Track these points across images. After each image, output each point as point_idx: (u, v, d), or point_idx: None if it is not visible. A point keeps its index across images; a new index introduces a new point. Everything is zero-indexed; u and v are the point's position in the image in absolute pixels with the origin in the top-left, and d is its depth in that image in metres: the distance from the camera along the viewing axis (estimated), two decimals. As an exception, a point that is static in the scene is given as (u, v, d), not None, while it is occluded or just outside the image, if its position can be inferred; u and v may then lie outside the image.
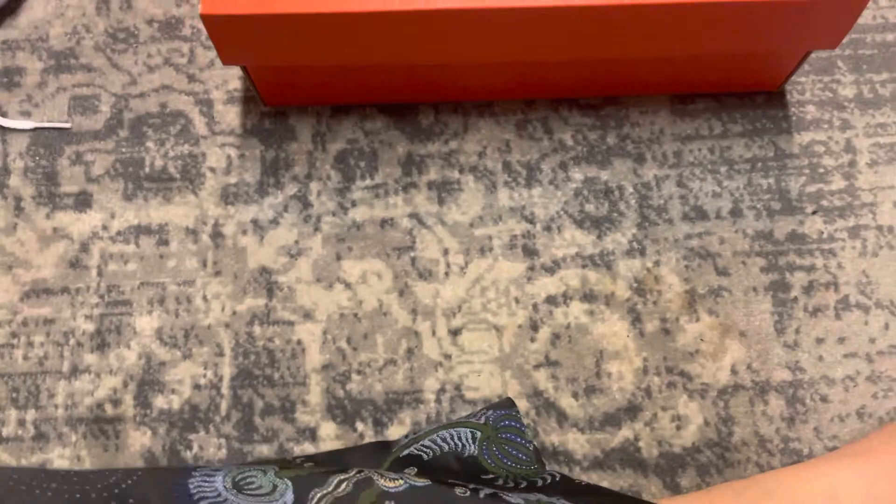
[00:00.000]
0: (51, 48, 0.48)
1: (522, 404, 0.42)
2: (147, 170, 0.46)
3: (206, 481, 0.30)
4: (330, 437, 0.41)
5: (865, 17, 0.47)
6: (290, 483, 0.30)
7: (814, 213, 0.44)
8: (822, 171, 0.45)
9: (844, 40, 0.47)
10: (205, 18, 0.38)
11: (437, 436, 0.37)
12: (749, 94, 0.46)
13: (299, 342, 0.43)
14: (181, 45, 0.48)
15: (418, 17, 0.38)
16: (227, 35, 0.39)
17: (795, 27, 0.39)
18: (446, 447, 0.37)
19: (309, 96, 0.47)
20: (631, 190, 0.45)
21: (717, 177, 0.45)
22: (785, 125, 0.46)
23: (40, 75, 0.48)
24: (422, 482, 0.31)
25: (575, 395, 0.42)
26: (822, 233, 0.44)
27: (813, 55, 0.47)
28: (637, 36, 0.40)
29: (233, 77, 0.48)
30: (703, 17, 0.39)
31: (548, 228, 0.45)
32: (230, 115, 0.47)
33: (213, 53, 0.48)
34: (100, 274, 0.44)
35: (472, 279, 0.44)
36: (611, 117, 0.46)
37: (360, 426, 0.41)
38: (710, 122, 0.46)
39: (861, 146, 0.45)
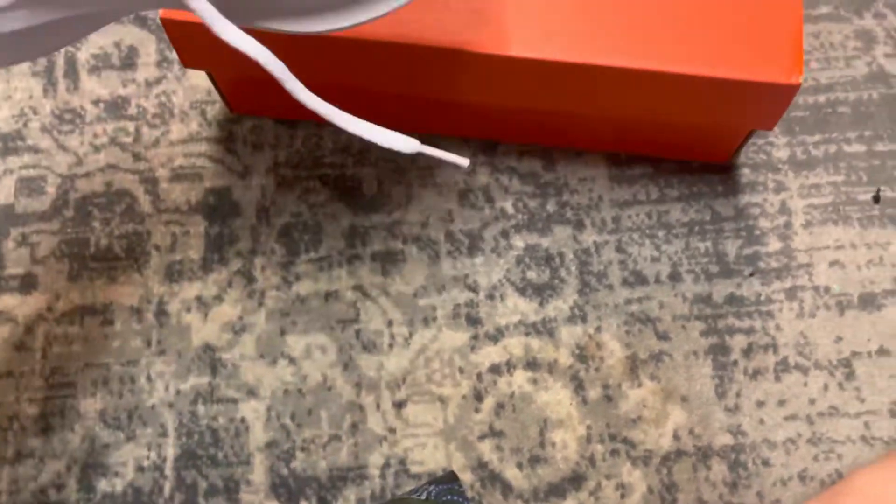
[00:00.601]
0: (-2, 131, 0.49)
1: (467, 477, 0.42)
2: (92, 249, 0.46)
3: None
4: (274, 516, 0.41)
5: (796, 80, 0.49)
6: None
7: (751, 275, 0.44)
8: (758, 233, 0.45)
9: (777, 102, 0.48)
10: (164, 22, 0.39)
11: None
12: (685, 160, 0.47)
13: (243, 420, 0.43)
14: (127, 125, 0.49)
15: (365, 45, 0.40)
16: (187, 40, 0.41)
17: (728, 106, 0.40)
18: (386, 527, 0.37)
19: (276, 105, 0.48)
20: (571, 256, 0.46)
21: (655, 241, 0.45)
22: (721, 188, 0.46)
23: (-13, 158, 0.48)
24: None
25: (519, 466, 0.42)
26: (760, 295, 0.44)
27: (746, 118, 0.48)
28: (580, 94, 0.41)
29: (178, 154, 0.48)
30: (635, 84, 0.40)
31: (491, 297, 0.45)
32: (175, 193, 0.47)
33: (158, 132, 0.49)
34: (44, 356, 0.44)
35: (417, 350, 0.44)
36: (550, 185, 0.47)
37: (304, 504, 0.41)
38: (647, 188, 0.47)
39: (796, 207, 0.46)
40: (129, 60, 0.50)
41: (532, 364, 0.43)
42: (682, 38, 0.39)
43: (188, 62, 0.43)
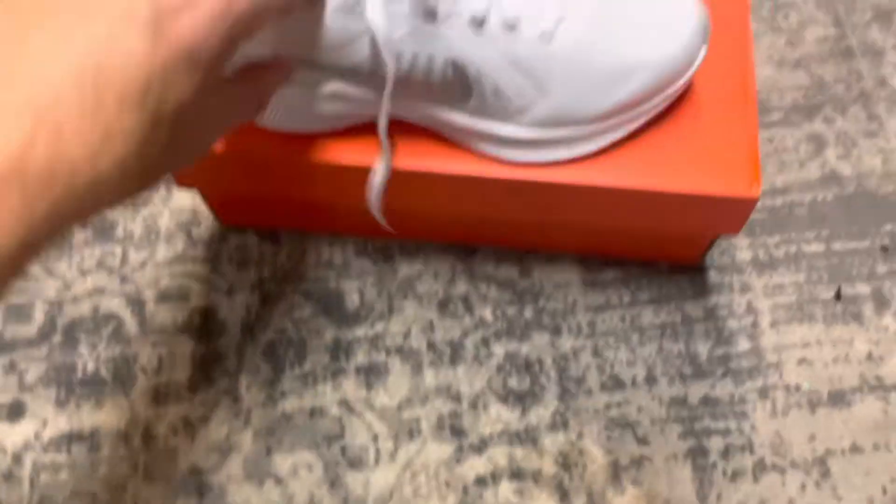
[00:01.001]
0: (-14, 259, 0.50)
1: (457, 592, 0.42)
2: (80, 374, 0.47)
3: None
4: None
5: (754, 183, 0.51)
6: None
7: (723, 375, 0.46)
8: (727, 333, 0.47)
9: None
10: None
11: None
12: (654, 263, 0.49)
13: (232, 543, 0.43)
14: (114, 248, 0.50)
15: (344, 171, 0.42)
16: None
17: (692, 216, 0.42)
18: None
19: (264, 218, 0.50)
20: (550, 362, 0.47)
21: (630, 344, 0.47)
22: (689, 291, 0.48)
23: (-25, 287, 0.49)
24: None
25: (508, 579, 0.42)
26: (734, 395, 0.45)
27: (710, 221, 0.50)
28: (551, 208, 0.43)
29: (164, 275, 0.50)
30: (604, 199, 0.42)
31: (474, 406, 0.46)
32: (161, 314, 0.49)
33: (145, 253, 0.50)
34: (32, 486, 0.44)
35: (403, 464, 0.45)
36: (527, 291, 0.49)
37: None
38: (619, 292, 0.48)
39: (762, 307, 0.48)
40: (115, 185, 0.52)
41: (517, 474, 0.44)
42: (646, 155, 0.41)
43: (181, 181, 0.45)
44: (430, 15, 0.35)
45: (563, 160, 0.41)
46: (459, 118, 0.40)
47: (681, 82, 0.40)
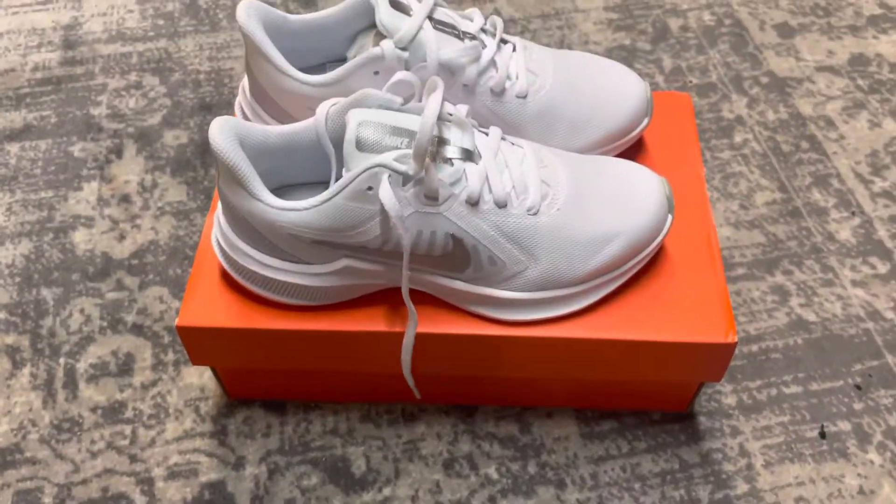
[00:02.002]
0: (-4, 446, 0.51)
1: None
2: (87, 559, 0.46)
3: None
4: None
5: (729, 332, 0.55)
6: None
7: None
8: (724, 476, 0.49)
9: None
10: (179, 329, 0.45)
11: None
12: (646, 411, 0.52)
13: None
14: (124, 428, 0.52)
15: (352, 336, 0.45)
16: (198, 342, 0.46)
17: (676, 364, 0.46)
18: None
19: (273, 390, 0.52)
20: (558, 517, 0.48)
21: (633, 493, 0.48)
22: (683, 437, 0.50)
23: (-16, 474, 0.50)
24: None
25: None
26: (739, 538, 0.46)
27: (693, 370, 0.53)
28: (544, 362, 0.46)
29: (173, 452, 0.51)
30: (593, 351, 0.45)
31: (485, 567, 0.46)
32: (170, 491, 0.49)
33: (154, 432, 0.51)
34: None
35: None
36: (528, 447, 0.51)
37: None
38: (616, 442, 0.50)
39: (753, 449, 0.50)
40: (125, 367, 0.54)
41: None
42: (629, 310, 0.45)
43: (196, 360, 0.48)
44: (432, 198, 0.40)
45: (553, 318, 0.45)
46: (459, 285, 0.44)
47: (652, 246, 0.45)
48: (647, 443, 0.50)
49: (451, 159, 0.41)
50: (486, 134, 0.43)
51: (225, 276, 0.47)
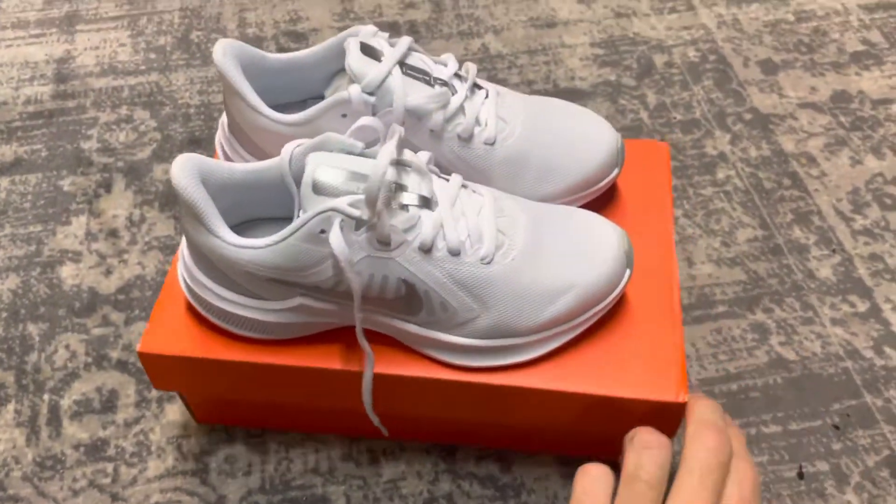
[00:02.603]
0: (-22, 483, 0.51)
1: None
2: None
3: None
4: None
5: (709, 371, 0.55)
6: None
7: None
8: (702, 518, 0.49)
9: (697, 392, 0.54)
10: (141, 355, 0.46)
11: None
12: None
13: None
14: (106, 466, 0.52)
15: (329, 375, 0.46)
16: (159, 369, 0.47)
17: (630, 419, 0.45)
18: None
19: (237, 418, 0.53)
20: (536, 558, 0.48)
21: (612, 535, 0.48)
22: (662, 477, 0.51)
23: (-35, 513, 0.50)
24: None
25: None
26: (716, 580, 0.46)
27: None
28: (498, 407, 0.47)
29: (154, 490, 0.51)
30: (550, 401, 0.45)
31: None
32: (151, 530, 0.49)
33: (136, 470, 0.52)
34: None
35: None
36: (509, 486, 0.51)
37: None
38: (596, 482, 0.51)
39: (731, 490, 0.50)
40: (109, 403, 0.55)
41: None
42: (581, 361, 0.45)
43: (158, 385, 0.49)
44: (385, 244, 0.41)
45: (504, 366, 0.45)
46: (412, 328, 0.44)
47: (607, 301, 0.45)
48: (626, 483, 0.50)
49: (407, 206, 0.41)
50: (447, 180, 0.44)
51: (190, 305, 0.47)
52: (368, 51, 0.47)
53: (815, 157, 0.69)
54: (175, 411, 0.54)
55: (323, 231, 0.40)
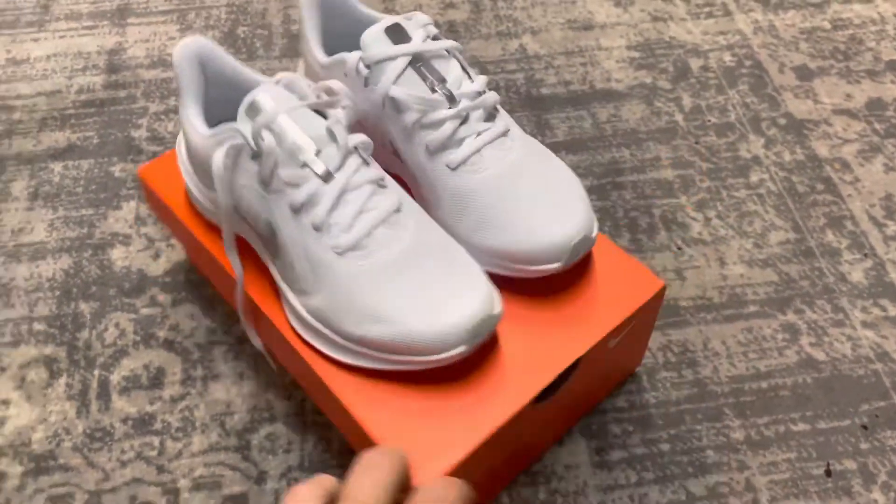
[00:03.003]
0: (31, 452, 0.53)
1: None
2: (114, 564, 0.49)
3: None
4: None
5: (739, 369, 0.57)
6: None
7: None
8: (730, 510, 0.50)
9: (727, 389, 0.55)
10: (140, 178, 0.56)
11: None
12: (655, 441, 0.53)
13: None
14: (152, 439, 0.54)
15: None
16: (151, 200, 0.57)
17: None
18: None
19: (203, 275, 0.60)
20: (566, 543, 0.49)
21: (640, 523, 0.50)
22: (690, 469, 0.52)
23: (20, 479, 0.52)
24: None
25: None
26: (742, 571, 0.48)
27: (703, 404, 0.55)
28: None
29: (199, 464, 0.53)
30: None
31: (494, 588, 0.48)
32: (195, 501, 0.51)
33: (180, 444, 0.54)
34: None
35: None
36: (539, 474, 0.52)
37: None
38: (626, 472, 0.52)
39: (759, 485, 0.51)
40: (156, 380, 0.57)
41: None
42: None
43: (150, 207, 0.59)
44: (264, 183, 0.44)
45: (325, 354, 0.46)
46: (274, 271, 0.48)
47: (436, 358, 0.42)
48: (655, 474, 0.52)
49: (306, 165, 0.44)
50: (368, 165, 0.46)
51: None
52: (398, 34, 0.49)
53: (849, 162, 0.70)
54: (219, 389, 0.56)
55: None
